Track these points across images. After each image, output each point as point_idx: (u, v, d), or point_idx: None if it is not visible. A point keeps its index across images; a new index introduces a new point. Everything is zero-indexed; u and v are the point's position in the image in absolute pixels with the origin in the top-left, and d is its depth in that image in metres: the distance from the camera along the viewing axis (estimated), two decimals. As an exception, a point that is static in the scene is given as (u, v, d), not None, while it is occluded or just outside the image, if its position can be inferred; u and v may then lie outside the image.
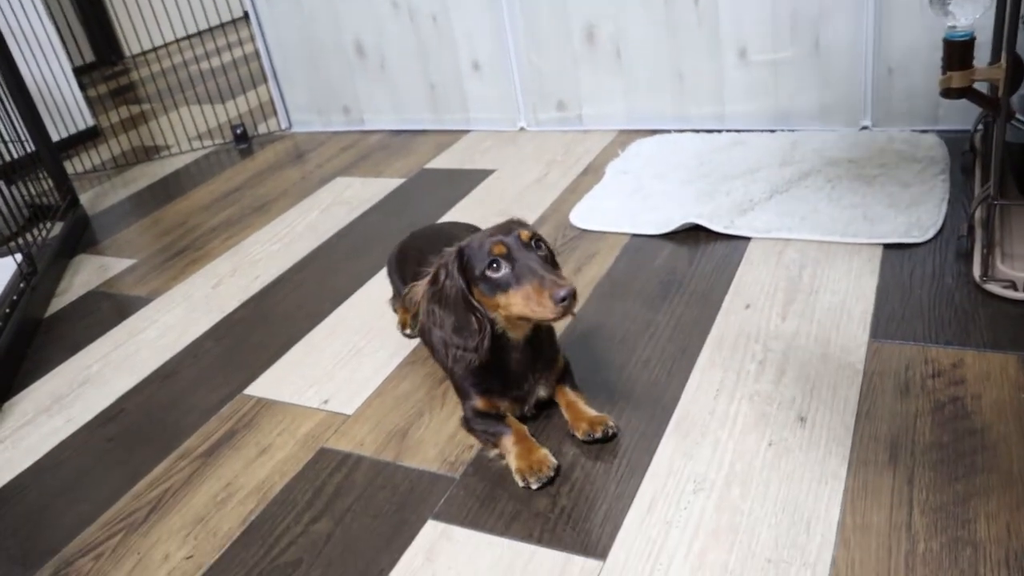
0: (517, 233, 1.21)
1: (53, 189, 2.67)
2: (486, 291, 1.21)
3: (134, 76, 4.80)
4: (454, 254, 1.25)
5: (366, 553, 1.18)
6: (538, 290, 1.16)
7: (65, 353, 1.88)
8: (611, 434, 1.30)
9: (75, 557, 1.28)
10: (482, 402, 1.34)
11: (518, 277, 1.18)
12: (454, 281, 1.23)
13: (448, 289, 1.24)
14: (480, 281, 1.21)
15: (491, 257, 1.20)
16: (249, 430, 1.50)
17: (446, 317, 1.25)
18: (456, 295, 1.23)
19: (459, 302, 1.23)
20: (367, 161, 2.76)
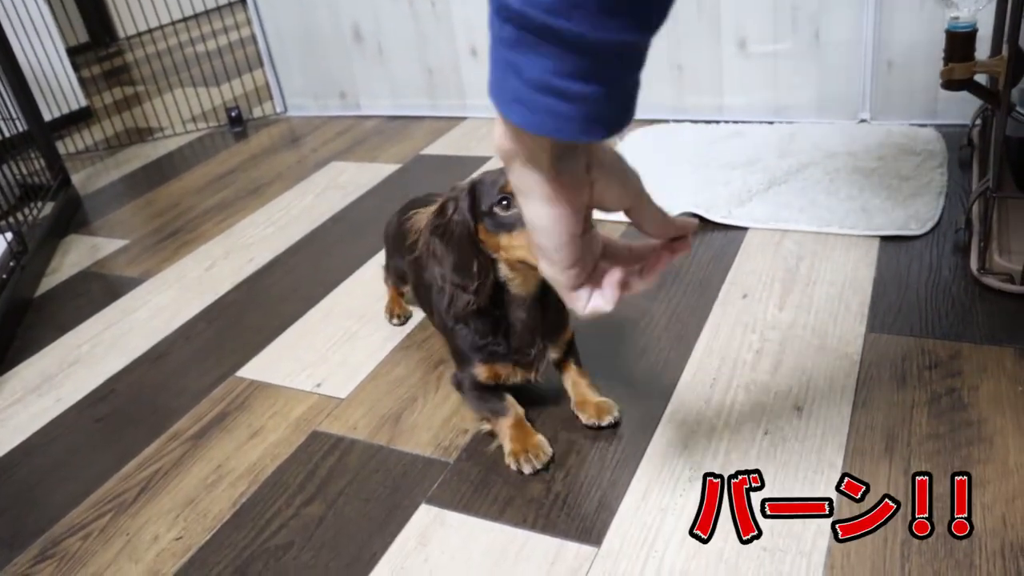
0: None
1: (45, 169, 2.64)
2: (490, 228, 1.14)
3: (128, 58, 4.76)
4: (466, 189, 1.17)
5: (358, 537, 1.18)
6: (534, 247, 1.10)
7: (55, 333, 1.87)
8: (616, 422, 1.30)
9: (63, 537, 1.27)
10: (485, 371, 1.29)
11: (517, 228, 1.11)
12: (462, 216, 1.16)
13: (454, 224, 1.17)
14: (486, 216, 1.14)
15: (501, 194, 1.12)
16: (241, 412, 1.49)
17: (447, 254, 1.19)
18: (461, 232, 1.17)
19: (464, 239, 1.17)
20: (363, 146, 2.74)
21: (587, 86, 0.60)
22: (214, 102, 3.46)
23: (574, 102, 0.60)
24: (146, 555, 1.21)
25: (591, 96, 0.61)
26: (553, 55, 0.58)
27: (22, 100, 2.57)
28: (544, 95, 0.61)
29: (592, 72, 0.60)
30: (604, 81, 0.61)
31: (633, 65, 0.62)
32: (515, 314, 1.25)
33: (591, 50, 0.58)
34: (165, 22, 4.13)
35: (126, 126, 3.40)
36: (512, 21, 0.59)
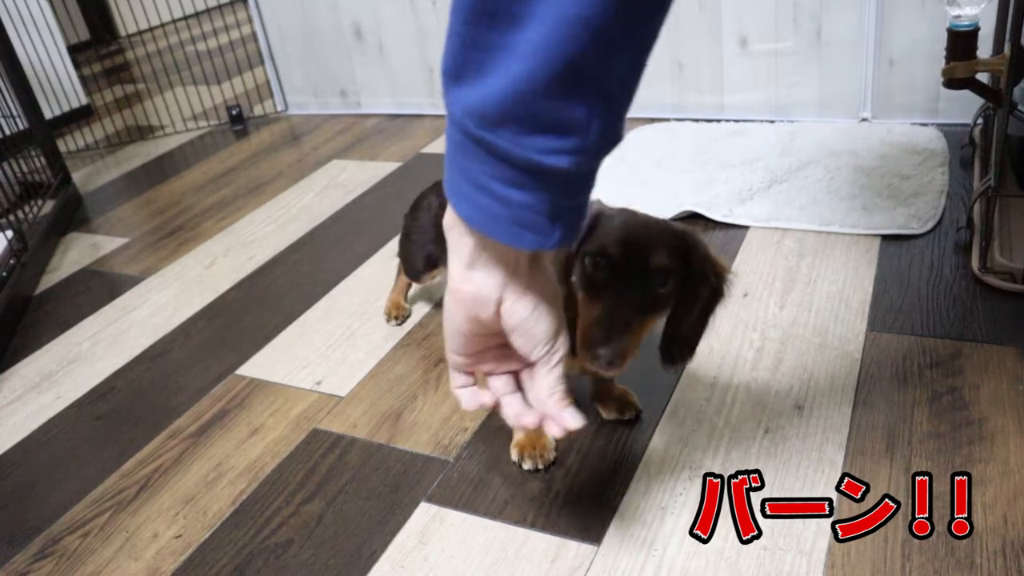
0: (647, 253, 0.97)
1: (45, 167, 2.64)
2: (578, 273, 1.00)
3: (129, 56, 4.76)
4: (593, 216, 1.02)
5: (358, 535, 1.17)
6: (588, 326, 0.96)
7: (55, 330, 1.86)
8: (639, 414, 1.30)
9: (63, 535, 1.27)
10: None
11: (601, 296, 0.97)
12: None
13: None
14: (581, 258, 1.00)
15: (599, 254, 0.97)
16: (241, 410, 1.49)
17: None
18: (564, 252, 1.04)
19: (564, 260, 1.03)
20: (363, 144, 2.74)
21: (519, 193, 0.63)
22: (215, 100, 3.46)
23: (506, 206, 0.64)
24: (146, 553, 1.21)
25: (522, 203, 0.63)
26: (487, 162, 0.62)
27: (23, 98, 2.57)
28: (481, 194, 0.64)
29: (522, 183, 0.63)
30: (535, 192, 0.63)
31: (568, 187, 0.65)
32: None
33: (518, 165, 0.61)
34: (166, 20, 4.13)
35: (127, 124, 3.40)
36: (455, 125, 0.63)
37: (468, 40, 0.58)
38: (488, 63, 0.57)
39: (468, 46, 0.58)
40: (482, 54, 0.58)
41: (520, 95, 0.57)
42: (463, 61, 0.59)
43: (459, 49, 0.59)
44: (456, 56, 0.60)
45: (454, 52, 0.60)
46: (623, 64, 0.58)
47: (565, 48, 0.55)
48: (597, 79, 0.57)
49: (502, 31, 0.56)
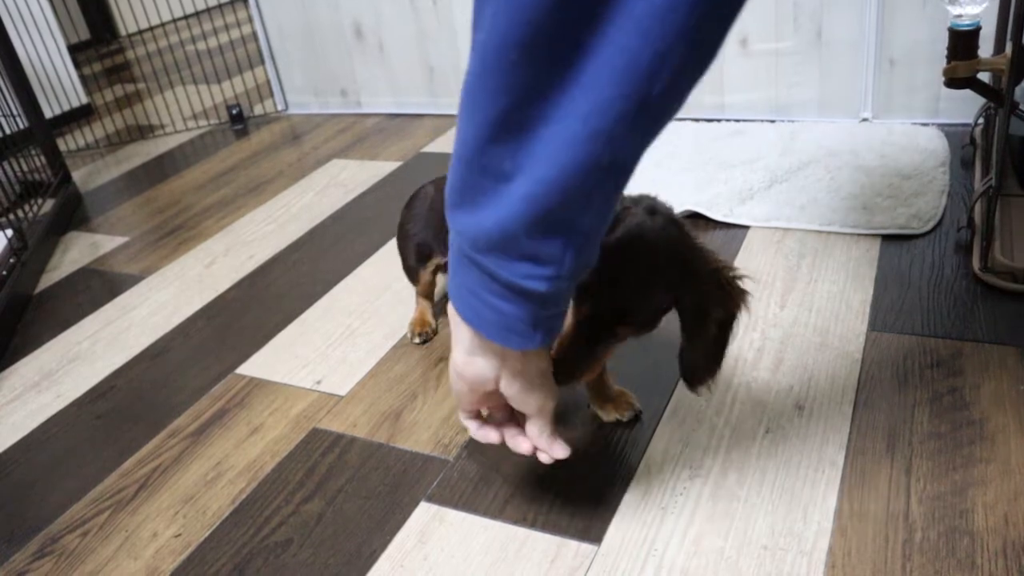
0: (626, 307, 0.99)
1: (45, 166, 2.64)
2: None
3: (129, 55, 4.76)
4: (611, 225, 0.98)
5: (358, 534, 1.17)
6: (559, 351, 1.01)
7: (55, 329, 1.86)
8: (638, 414, 1.30)
9: (62, 534, 1.27)
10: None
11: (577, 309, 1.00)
12: None
13: None
14: None
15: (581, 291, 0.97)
16: (240, 409, 1.48)
17: None
18: None
19: None
20: (363, 144, 2.74)
21: (506, 304, 0.74)
22: (215, 99, 3.46)
23: (496, 313, 0.75)
24: (145, 552, 1.21)
25: (508, 313, 0.75)
26: (479, 276, 0.74)
27: (23, 97, 2.57)
28: (476, 300, 0.76)
29: (507, 296, 0.74)
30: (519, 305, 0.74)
31: (546, 303, 0.75)
32: None
33: (503, 284, 0.72)
34: (166, 20, 4.14)
35: (127, 123, 3.40)
36: (456, 244, 0.75)
37: (467, 179, 0.69)
38: (481, 201, 0.68)
39: (467, 184, 0.69)
40: (477, 194, 0.69)
41: (505, 232, 0.68)
42: (462, 193, 0.70)
43: (459, 183, 0.70)
44: (457, 187, 0.71)
45: (455, 184, 0.71)
46: (592, 214, 0.69)
47: (544, 202, 0.65)
48: (570, 223, 0.68)
49: (494, 180, 0.67)
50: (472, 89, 0.67)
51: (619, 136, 0.63)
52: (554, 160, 0.63)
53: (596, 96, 0.60)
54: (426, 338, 1.59)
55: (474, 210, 0.69)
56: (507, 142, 0.65)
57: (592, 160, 0.63)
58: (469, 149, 0.67)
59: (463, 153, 0.68)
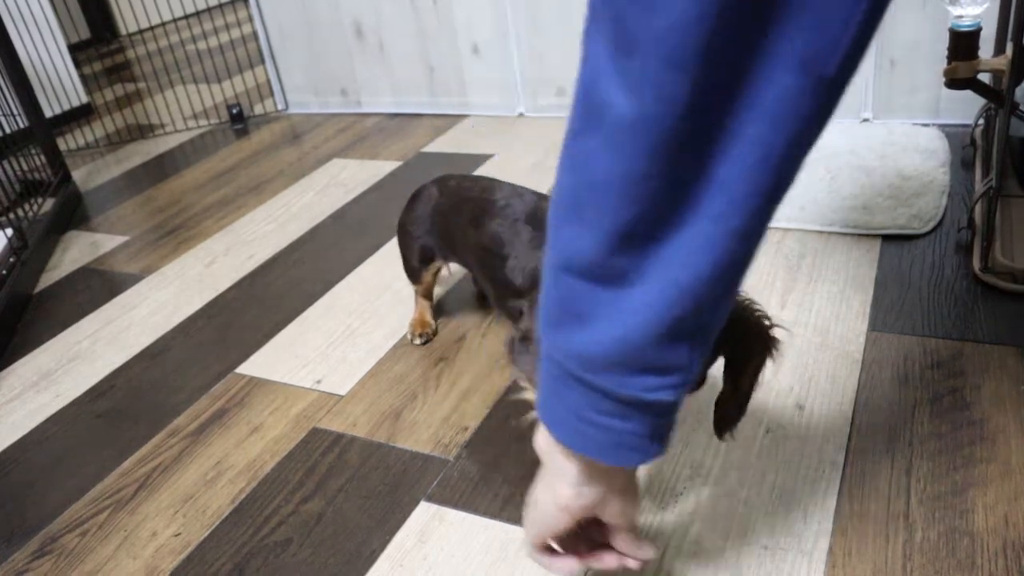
0: None
1: (45, 165, 2.64)
2: None
3: (129, 55, 4.76)
4: None
5: (357, 533, 1.17)
6: None
7: (55, 329, 1.86)
8: None
9: (61, 533, 1.27)
10: None
11: None
12: None
13: None
14: None
15: None
16: (240, 409, 1.48)
17: None
18: None
19: None
20: (363, 143, 2.74)
21: (622, 423, 0.67)
22: (215, 99, 3.46)
23: (609, 433, 0.68)
24: (144, 551, 1.21)
25: (625, 430, 0.68)
26: (590, 397, 0.67)
27: (23, 96, 2.57)
28: (583, 424, 0.69)
29: (625, 414, 0.67)
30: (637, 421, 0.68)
31: (668, 411, 0.69)
32: None
33: (623, 401, 0.66)
34: (166, 19, 4.14)
35: (127, 123, 3.40)
36: (554, 363, 0.67)
37: (577, 293, 0.62)
38: (595, 315, 0.62)
39: (575, 298, 0.62)
40: (589, 307, 0.62)
41: (626, 346, 0.61)
42: (566, 309, 0.63)
43: (564, 298, 0.63)
44: (559, 303, 0.64)
45: (556, 299, 0.64)
46: (721, 312, 0.64)
47: (676, 310, 0.60)
48: (702, 327, 0.63)
49: (614, 291, 0.60)
50: (582, 200, 0.59)
51: (753, 231, 0.59)
52: (688, 264, 0.58)
53: (731, 195, 0.56)
54: (427, 339, 1.59)
55: (584, 326, 0.62)
56: (632, 250, 0.59)
57: (728, 260, 0.59)
58: (584, 262, 0.60)
59: (573, 265, 0.61)
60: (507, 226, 1.28)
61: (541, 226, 1.23)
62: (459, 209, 1.40)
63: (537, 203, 1.30)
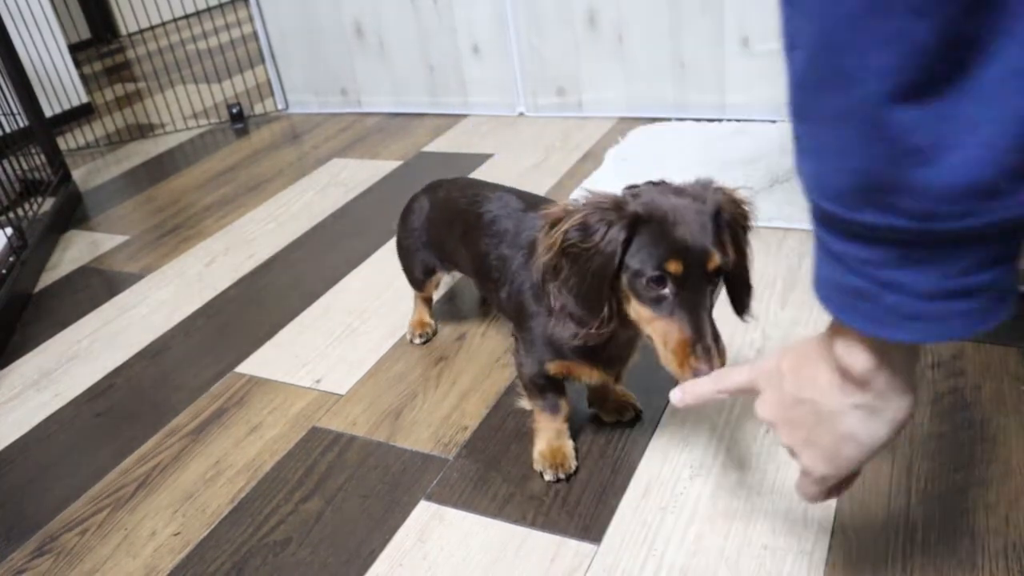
0: (705, 259, 0.94)
1: (45, 164, 2.64)
2: (630, 287, 0.97)
3: (130, 54, 4.76)
4: (627, 218, 0.94)
5: (357, 533, 1.17)
6: (683, 345, 0.94)
7: (54, 328, 1.86)
8: (638, 414, 1.30)
9: (60, 532, 1.26)
10: (557, 367, 1.15)
11: (674, 311, 0.94)
12: (610, 251, 0.95)
13: (597, 255, 0.96)
14: (633, 275, 0.96)
15: (659, 272, 0.93)
16: (240, 408, 1.48)
17: (575, 281, 0.98)
18: (601, 268, 0.96)
19: (600, 277, 0.97)
20: (364, 143, 2.74)
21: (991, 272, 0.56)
22: (215, 99, 3.46)
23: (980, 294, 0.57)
24: (144, 550, 1.20)
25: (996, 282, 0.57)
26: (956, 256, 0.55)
27: (23, 96, 2.57)
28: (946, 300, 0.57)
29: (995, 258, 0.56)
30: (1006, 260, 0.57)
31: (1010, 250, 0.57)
32: (625, 331, 1.07)
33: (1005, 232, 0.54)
34: (167, 19, 4.14)
35: (127, 122, 3.40)
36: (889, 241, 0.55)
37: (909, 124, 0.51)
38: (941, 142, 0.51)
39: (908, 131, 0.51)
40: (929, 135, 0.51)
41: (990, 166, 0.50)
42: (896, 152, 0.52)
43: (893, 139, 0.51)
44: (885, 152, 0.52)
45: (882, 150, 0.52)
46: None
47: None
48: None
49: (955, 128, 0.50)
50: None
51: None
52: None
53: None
54: (426, 338, 1.58)
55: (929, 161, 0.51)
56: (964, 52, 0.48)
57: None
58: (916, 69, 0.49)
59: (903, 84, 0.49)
60: (494, 246, 1.24)
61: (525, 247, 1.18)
62: (450, 222, 1.37)
63: (523, 215, 1.24)
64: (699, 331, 0.94)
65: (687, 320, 0.94)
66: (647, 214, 0.95)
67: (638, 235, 0.95)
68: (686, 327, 0.94)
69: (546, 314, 1.10)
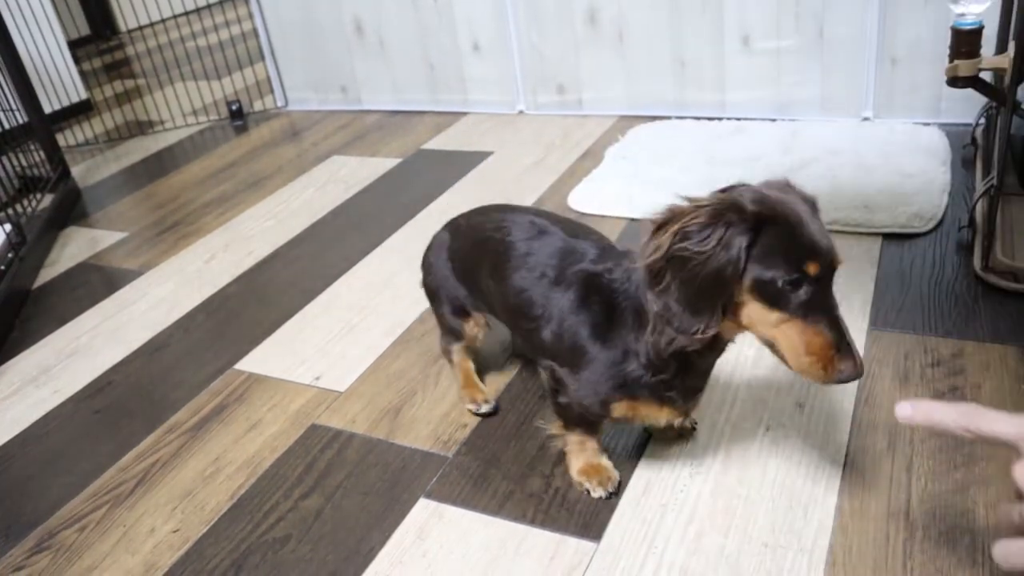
0: (833, 258, 0.91)
1: (44, 161, 2.63)
2: (758, 292, 0.91)
3: (129, 51, 4.75)
4: (749, 220, 0.88)
5: (356, 530, 1.17)
6: (826, 347, 0.90)
7: (53, 324, 1.86)
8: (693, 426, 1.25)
9: (59, 528, 1.26)
10: (625, 407, 1.07)
11: (808, 313, 0.90)
12: (731, 257, 0.88)
13: (715, 261, 0.89)
14: (762, 279, 0.89)
15: (799, 274, 0.88)
16: (239, 405, 1.48)
17: (684, 287, 0.91)
18: (720, 274, 0.89)
19: (718, 283, 0.90)
20: (363, 140, 2.73)
21: None
22: (215, 96, 3.45)
23: None
24: (143, 547, 1.20)
25: None
26: None
27: (22, 92, 2.56)
28: None
29: None
30: None
31: None
32: (707, 358, 1.05)
33: None
34: (166, 16, 4.13)
35: (126, 119, 3.39)
36: None
37: None
38: None
39: None
40: None
41: None
42: None
43: None
44: None
45: None
46: None
47: None
48: None
49: None
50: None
51: None
52: None
53: None
54: (492, 407, 1.36)
55: None
56: None
57: None
58: None
59: None
60: (533, 281, 1.14)
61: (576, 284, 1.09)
62: (476, 255, 1.26)
63: (563, 246, 1.14)
64: (840, 332, 0.90)
65: (825, 322, 0.90)
66: (771, 214, 0.89)
67: (763, 237, 0.89)
68: (825, 329, 0.90)
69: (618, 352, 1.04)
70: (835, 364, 0.90)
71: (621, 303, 1.05)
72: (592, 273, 1.09)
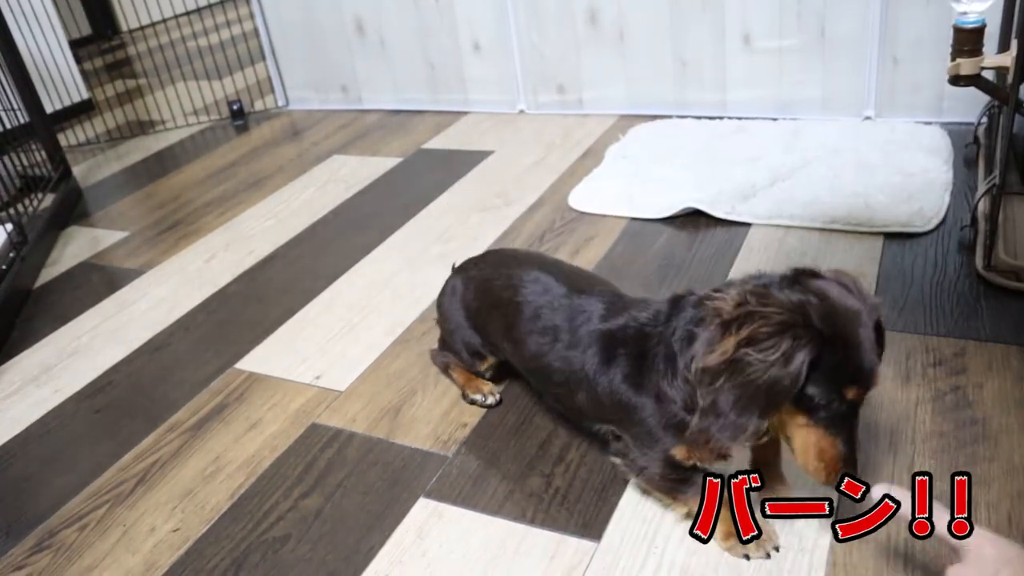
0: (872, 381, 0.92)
1: (46, 160, 2.63)
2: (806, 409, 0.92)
3: (131, 51, 4.75)
4: (814, 340, 0.88)
5: (356, 530, 1.17)
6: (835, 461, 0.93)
7: (54, 324, 1.86)
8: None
9: (60, 528, 1.26)
10: (684, 451, 1.03)
11: (830, 425, 0.92)
12: (793, 374, 0.87)
13: (774, 377, 0.87)
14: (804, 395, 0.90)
15: (838, 395, 0.90)
16: (239, 404, 1.48)
17: (739, 390, 0.89)
18: (776, 386, 0.88)
19: (774, 394, 0.89)
20: (364, 140, 2.73)
21: None
22: (216, 95, 3.45)
23: None
24: (143, 546, 1.20)
25: None
26: None
27: (24, 92, 2.56)
28: None
29: None
30: None
31: None
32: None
33: None
34: (167, 16, 4.13)
35: (127, 119, 3.39)
36: None
37: None
38: None
39: None
40: None
41: None
42: None
43: None
44: None
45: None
46: None
47: None
48: None
49: None
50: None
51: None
52: None
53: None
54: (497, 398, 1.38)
55: None
56: None
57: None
58: None
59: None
60: (547, 346, 1.14)
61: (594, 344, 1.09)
62: (488, 311, 1.28)
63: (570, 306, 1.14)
64: (852, 447, 0.93)
65: (842, 436, 0.92)
66: (830, 332, 0.89)
67: (824, 356, 0.88)
68: (840, 443, 0.92)
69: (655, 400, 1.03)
70: (839, 474, 0.93)
71: (651, 350, 1.04)
72: (606, 331, 1.09)
